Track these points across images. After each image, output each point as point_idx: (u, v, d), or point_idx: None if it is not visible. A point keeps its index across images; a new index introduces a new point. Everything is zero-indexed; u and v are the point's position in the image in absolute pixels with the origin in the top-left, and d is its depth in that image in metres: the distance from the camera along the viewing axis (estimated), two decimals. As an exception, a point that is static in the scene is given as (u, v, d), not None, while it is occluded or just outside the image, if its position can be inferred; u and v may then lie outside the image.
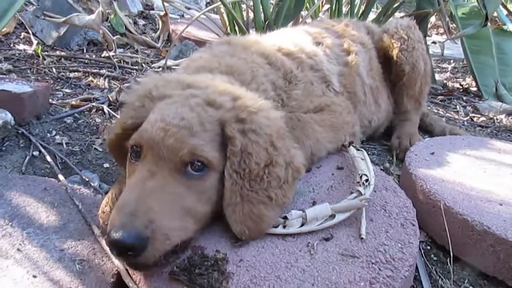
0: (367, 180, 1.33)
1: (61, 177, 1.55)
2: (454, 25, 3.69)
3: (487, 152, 1.84)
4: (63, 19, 2.66)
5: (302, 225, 1.22)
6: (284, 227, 1.21)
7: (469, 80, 3.79)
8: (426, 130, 2.42)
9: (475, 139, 2.05)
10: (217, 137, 1.16)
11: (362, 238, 1.20)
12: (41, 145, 1.81)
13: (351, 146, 1.52)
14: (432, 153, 1.74)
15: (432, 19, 5.25)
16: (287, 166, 1.22)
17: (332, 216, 1.24)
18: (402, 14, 4.66)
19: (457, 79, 3.91)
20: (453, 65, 4.36)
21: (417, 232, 1.26)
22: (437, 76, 3.71)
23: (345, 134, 1.60)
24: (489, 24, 3.15)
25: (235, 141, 1.15)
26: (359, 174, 1.36)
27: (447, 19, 3.60)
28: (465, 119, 2.86)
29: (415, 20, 2.79)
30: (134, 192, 1.05)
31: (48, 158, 1.71)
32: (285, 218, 1.22)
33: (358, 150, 1.50)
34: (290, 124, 1.41)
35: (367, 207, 1.29)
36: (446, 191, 1.47)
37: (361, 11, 3.41)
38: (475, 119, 2.89)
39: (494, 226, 1.32)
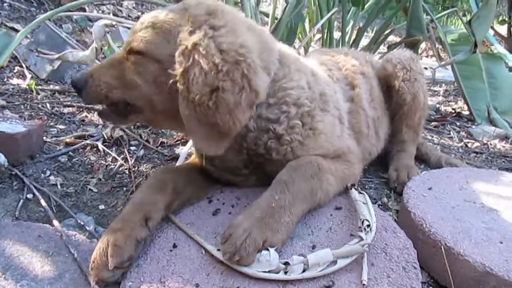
0: (368, 226, 1.32)
1: (55, 222, 1.52)
2: (444, 49, 3.75)
3: (484, 184, 1.83)
4: (57, 55, 2.64)
5: (304, 271, 1.20)
6: (285, 273, 1.19)
7: (461, 103, 3.83)
8: (421, 159, 2.42)
9: (472, 170, 2.06)
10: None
11: (364, 285, 1.18)
12: (35, 187, 1.78)
13: (353, 189, 1.51)
14: (430, 188, 1.74)
15: (423, 44, 5.33)
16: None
17: (334, 262, 1.22)
18: (393, 37, 4.74)
19: (449, 103, 3.95)
20: (444, 88, 4.41)
21: (419, 275, 1.25)
22: (429, 101, 3.74)
23: (349, 183, 1.58)
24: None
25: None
26: (360, 219, 1.35)
27: (437, 44, 3.65)
28: (459, 145, 2.87)
29: (405, 47, 2.84)
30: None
31: (42, 202, 1.68)
32: (287, 263, 1.20)
33: (360, 193, 1.49)
34: (310, 171, 1.40)
35: (368, 251, 1.27)
36: (446, 230, 1.46)
37: (352, 39, 3.46)
38: (469, 145, 2.90)
39: (496, 267, 1.30)
